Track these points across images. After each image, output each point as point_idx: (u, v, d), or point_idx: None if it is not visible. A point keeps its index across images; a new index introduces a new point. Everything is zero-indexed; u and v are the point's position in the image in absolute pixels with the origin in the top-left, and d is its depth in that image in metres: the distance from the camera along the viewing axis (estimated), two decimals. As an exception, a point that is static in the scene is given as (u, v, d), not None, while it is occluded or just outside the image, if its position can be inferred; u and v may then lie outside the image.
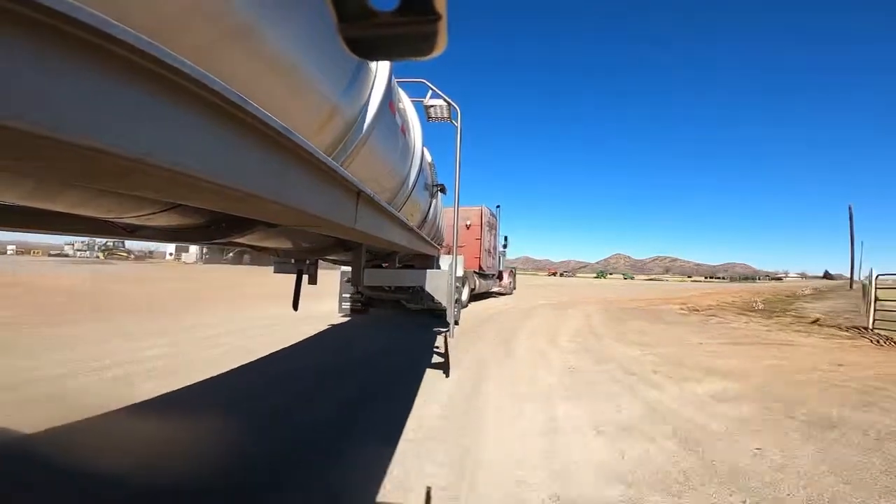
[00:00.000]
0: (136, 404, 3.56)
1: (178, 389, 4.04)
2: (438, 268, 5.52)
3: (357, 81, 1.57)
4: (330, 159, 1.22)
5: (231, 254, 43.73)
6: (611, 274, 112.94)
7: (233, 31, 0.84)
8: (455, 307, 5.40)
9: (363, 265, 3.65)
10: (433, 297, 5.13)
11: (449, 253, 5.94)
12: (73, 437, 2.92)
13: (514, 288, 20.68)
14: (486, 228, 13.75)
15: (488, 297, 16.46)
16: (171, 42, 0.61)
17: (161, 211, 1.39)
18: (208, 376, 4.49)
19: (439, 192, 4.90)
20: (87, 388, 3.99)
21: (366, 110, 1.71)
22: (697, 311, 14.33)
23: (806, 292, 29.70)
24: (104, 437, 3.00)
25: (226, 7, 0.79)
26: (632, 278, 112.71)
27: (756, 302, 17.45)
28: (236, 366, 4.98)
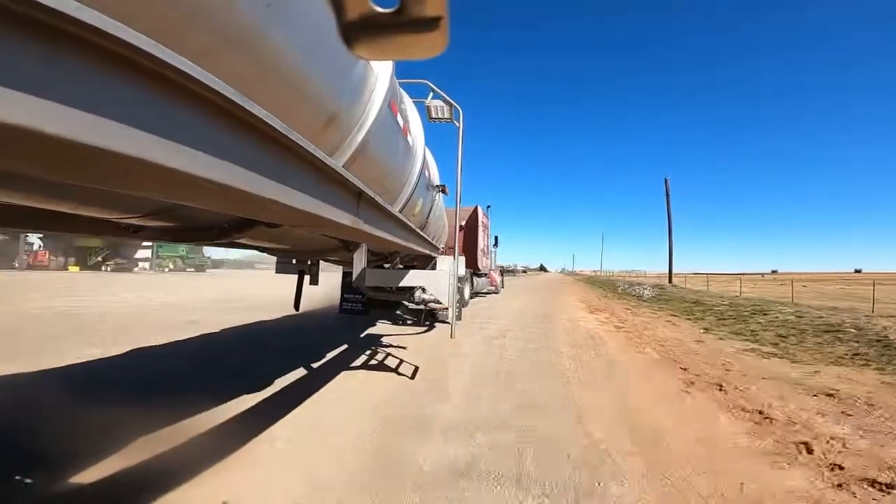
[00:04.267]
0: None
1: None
2: (436, 269, 5.50)
3: (359, 82, 1.57)
4: (331, 160, 1.21)
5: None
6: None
7: (234, 33, 0.83)
8: (456, 306, 5.39)
9: (365, 266, 3.64)
10: (435, 298, 5.13)
11: (449, 254, 5.93)
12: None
13: (503, 286, 20.12)
14: (481, 228, 13.78)
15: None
16: (173, 44, 0.61)
17: (161, 212, 1.39)
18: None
19: (440, 193, 4.89)
20: None
21: (368, 111, 1.70)
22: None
23: (646, 293, 18.30)
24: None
25: (228, 9, 0.79)
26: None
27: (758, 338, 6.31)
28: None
